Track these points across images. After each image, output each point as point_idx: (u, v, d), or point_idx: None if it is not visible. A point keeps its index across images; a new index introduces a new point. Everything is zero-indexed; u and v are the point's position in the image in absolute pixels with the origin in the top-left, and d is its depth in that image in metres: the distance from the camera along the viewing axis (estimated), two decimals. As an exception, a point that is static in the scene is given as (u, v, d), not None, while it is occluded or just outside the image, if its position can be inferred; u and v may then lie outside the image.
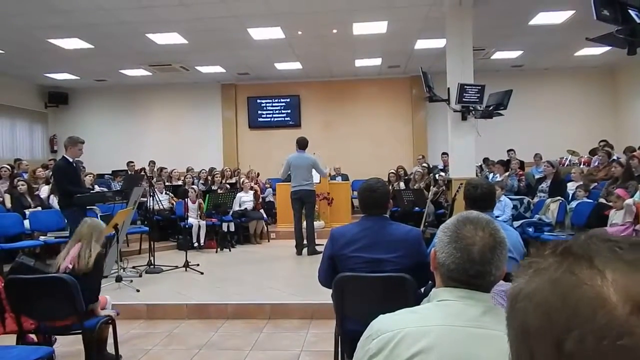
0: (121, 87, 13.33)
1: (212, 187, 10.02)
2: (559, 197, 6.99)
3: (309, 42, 9.63)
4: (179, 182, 10.31)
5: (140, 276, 6.28)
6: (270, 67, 11.69)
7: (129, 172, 11.05)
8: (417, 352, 1.09)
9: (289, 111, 13.28)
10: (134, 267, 6.56)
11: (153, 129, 13.62)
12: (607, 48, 9.36)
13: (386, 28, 8.76)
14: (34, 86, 13.03)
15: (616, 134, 11.62)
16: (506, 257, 1.26)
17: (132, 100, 13.60)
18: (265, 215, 9.57)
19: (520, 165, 9.30)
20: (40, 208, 7.66)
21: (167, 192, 9.48)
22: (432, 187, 8.60)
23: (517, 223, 6.71)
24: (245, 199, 9.35)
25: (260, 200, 9.81)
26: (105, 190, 8.40)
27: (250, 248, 8.84)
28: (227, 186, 10.06)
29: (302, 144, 7.78)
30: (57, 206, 7.06)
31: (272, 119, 13.36)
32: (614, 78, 12.54)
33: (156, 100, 13.71)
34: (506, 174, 8.58)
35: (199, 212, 8.83)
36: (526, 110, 11.77)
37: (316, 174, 8.09)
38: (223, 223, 8.73)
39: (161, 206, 8.41)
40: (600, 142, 10.01)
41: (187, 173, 10.77)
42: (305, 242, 7.64)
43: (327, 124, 13.07)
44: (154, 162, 11.73)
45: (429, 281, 2.73)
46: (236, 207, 9.18)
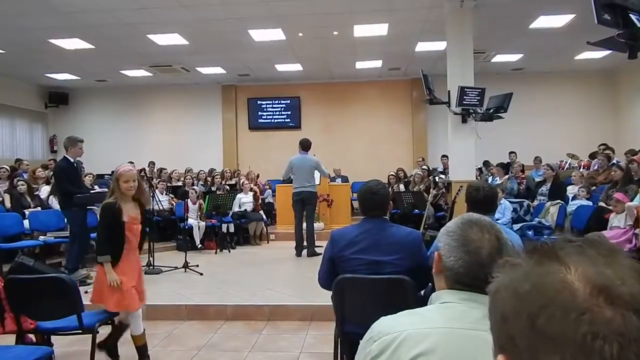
0: (122, 88, 13.33)
1: (212, 188, 10.02)
2: (559, 201, 7.00)
3: (310, 44, 9.64)
4: (179, 183, 10.31)
5: (139, 277, 6.26)
6: (270, 69, 11.71)
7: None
8: (419, 355, 1.09)
9: (289, 113, 13.29)
10: (134, 268, 6.53)
11: (153, 130, 13.62)
12: (608, 52, 9.38)
13: (387, 30, 8.77)
14: (35, 86, 13.03)
15: (616, 138, 11.62)
16: None
17: (133, 101, 13.61)
18: (264, 216, 9.58)
19: (521, 168, 9.30)
20: (39, 208, 7.65)
21: (167, 193, 9.47)
22: (432, 190, 8.60)
23: (517, 226, 6.72)
24: (244, 200, 9.35)
25: (259, 201, 9.81)
26: (105, 190, 8.38)
27: (249, 249, 8.84)
28: (227, 187, 10.06)
29: (305, 146, 7.79)
30: (57, 206, 7.07)
31: (272, 121, 13.37)
32: (614, 82, 12.54)
33: (156, 101, 13.72)
34: (506, 177, 8.58)
35: (199, 213, 8.83)
36: (526, 113, 11.77)
37: (317, 176, 8.09)
38: (223, 224, 8.73)
39: (161, 207, 8.41)
40: (599, 146, 10.01)
41: (187, 174, 10.77)
42: (305, 244, 7.64)
43: (327, 126, 13.07)
44: (154, 163, 11.74)
45: (429, 283, 2.73)
46: (236, 209, 9.18)
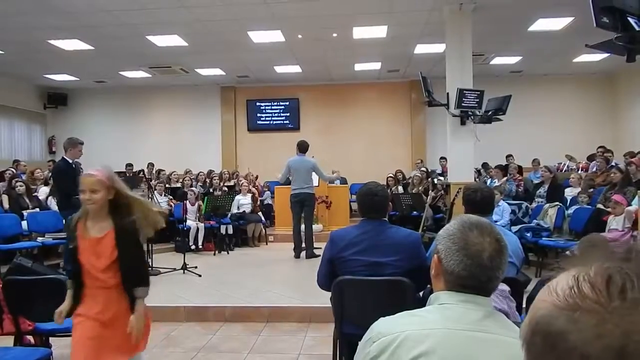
0: (121, 89, 13.32)
1: (211, 190, 10.02)
2: (557, 203, 7.01)
3: (309, 46, 9.64)
4: (178, 185, 10.30)
5: (138, 278, 6.25)
6: (270, 70, 11.71)
7: (128, 174, 11.04)
8: (418, 356, 1.09)
9: (288, 114, 13.29)
10: (132, 269, 6.52)
11: (152, 131, 13.61)
12: (606, 55, 9.39)
13: (386, 32, 8.78)
14: (33, 87, 13.02)
15: (614, 140, 11.64)
16: (507, 261, 1.27)
17: (132, 102, 13.59)
18: (263, 218, 9.57)
19: (518, 170, 9.31)
20: (38, 209, 7.64)
21: (166, 194, 9.46)
22: (431, 192, 8.61)
23: (516, 228, 6.72)
24: (243, 202, 9.35)
25: (258, 203, 9.81)
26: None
27: (248, 251, 8.83)
28: (226, 189, 10.06)
29: (303, 148, 7.79)
30: (55, 207, 7.05)
31: (271, 122, 13.36)
32: (613, 84, 12.57)
33: (155, 102, 13.71)
34: (504, 179, 8.59)
35: (198, 215, 8.82)
36: (525, 115, 11.79)
37: (315, 177, 8.10)
38: (221, 226, 8.73)
39: (159, 208, 8.39)
40: (598, 148, 10.02)
41: (186, 175, 10.76)
42: (303, 246, 7.64)
43: (326, 128, 13.07)
44: (153, 164, 11.73)
45: (428, 285, 2.73)
46: (234, 210, 9.18)
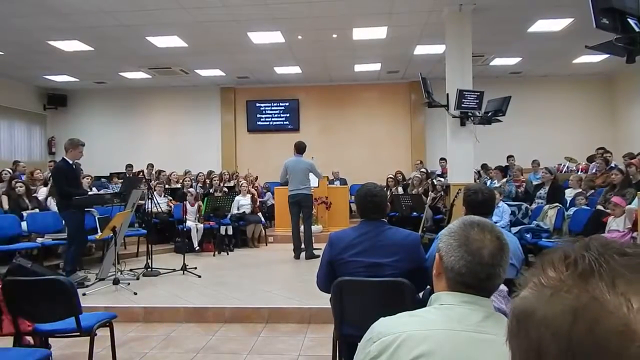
0: (120, 90, 13.33)
1: (210, 191, 10.02)
2: (557, 204, 7.01)
3: (309, 47, 9.65)
4: (177, 185, 10.30)
5: (137, 279, 6.25)
6: (269, 71, 11.72)
7: (127, 175, 11.04)
8: (418, 356, 1.09)
9: (288, 115, 13.31)
10: (132, 270, 6.52)
11: (152, 132, 13.62)
12: (606, 56, 9.40)
13: (386, 33, 8.79)
14: (33, 88, 13.02)
15: (614, 141, 11.66)
16: (509, 261, 1.27)
17: (131, 103, 13.60)
18: (263, 218, 9.56)
19: (521, 172, 9.31)
20: (37, 210, 7.63)
21: (166, 195, 9.46)
22: (431, 193, 8.61)
23: (515, 229, 6.72)
24: (243, 203, 9.35)
25: (257, 203, 9.80)
26: (103, 192, 8.39)
27: (248, 252, 8.83)
28: (225, 189, 10.06)
29: (300, 149, 7.79)
30: (55, 208, 7.05)
31: (271, 123, 13.38)
32: (612, 85, 12.59)
33: (155, 103, 13.72)
34: (504, 180, 8.60)
35: (198, 215, 8.82)
36: (524, 116, 11.80)
37: (314, 179, 8.10)
38: (221, 226, 8.72)
39: (159, 209, 8.40)
40: (597, 150, 10.03)
41: (186, 176, 10.76)
42: (302, 246, 7.64)
43: (326, 128, 13.08)
44: (153, 165, 11.72)
45: (427, 286, 2.73)
46: (234, 211, 9.17)
